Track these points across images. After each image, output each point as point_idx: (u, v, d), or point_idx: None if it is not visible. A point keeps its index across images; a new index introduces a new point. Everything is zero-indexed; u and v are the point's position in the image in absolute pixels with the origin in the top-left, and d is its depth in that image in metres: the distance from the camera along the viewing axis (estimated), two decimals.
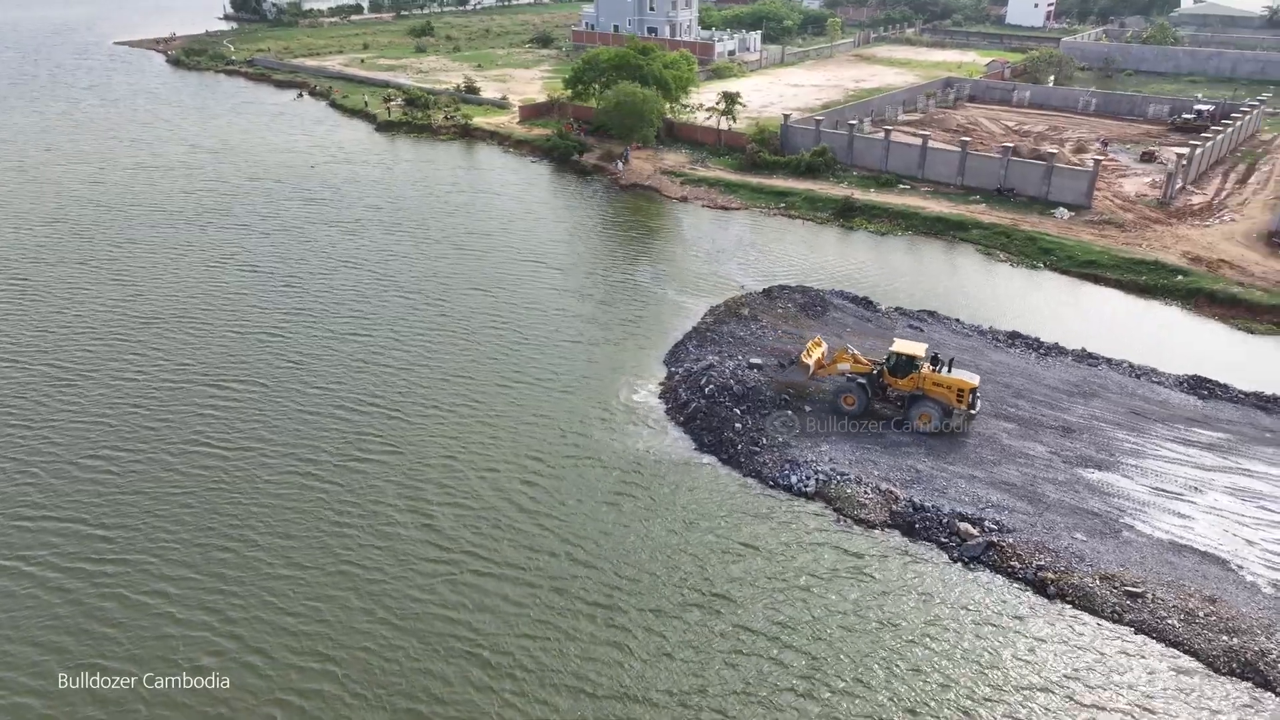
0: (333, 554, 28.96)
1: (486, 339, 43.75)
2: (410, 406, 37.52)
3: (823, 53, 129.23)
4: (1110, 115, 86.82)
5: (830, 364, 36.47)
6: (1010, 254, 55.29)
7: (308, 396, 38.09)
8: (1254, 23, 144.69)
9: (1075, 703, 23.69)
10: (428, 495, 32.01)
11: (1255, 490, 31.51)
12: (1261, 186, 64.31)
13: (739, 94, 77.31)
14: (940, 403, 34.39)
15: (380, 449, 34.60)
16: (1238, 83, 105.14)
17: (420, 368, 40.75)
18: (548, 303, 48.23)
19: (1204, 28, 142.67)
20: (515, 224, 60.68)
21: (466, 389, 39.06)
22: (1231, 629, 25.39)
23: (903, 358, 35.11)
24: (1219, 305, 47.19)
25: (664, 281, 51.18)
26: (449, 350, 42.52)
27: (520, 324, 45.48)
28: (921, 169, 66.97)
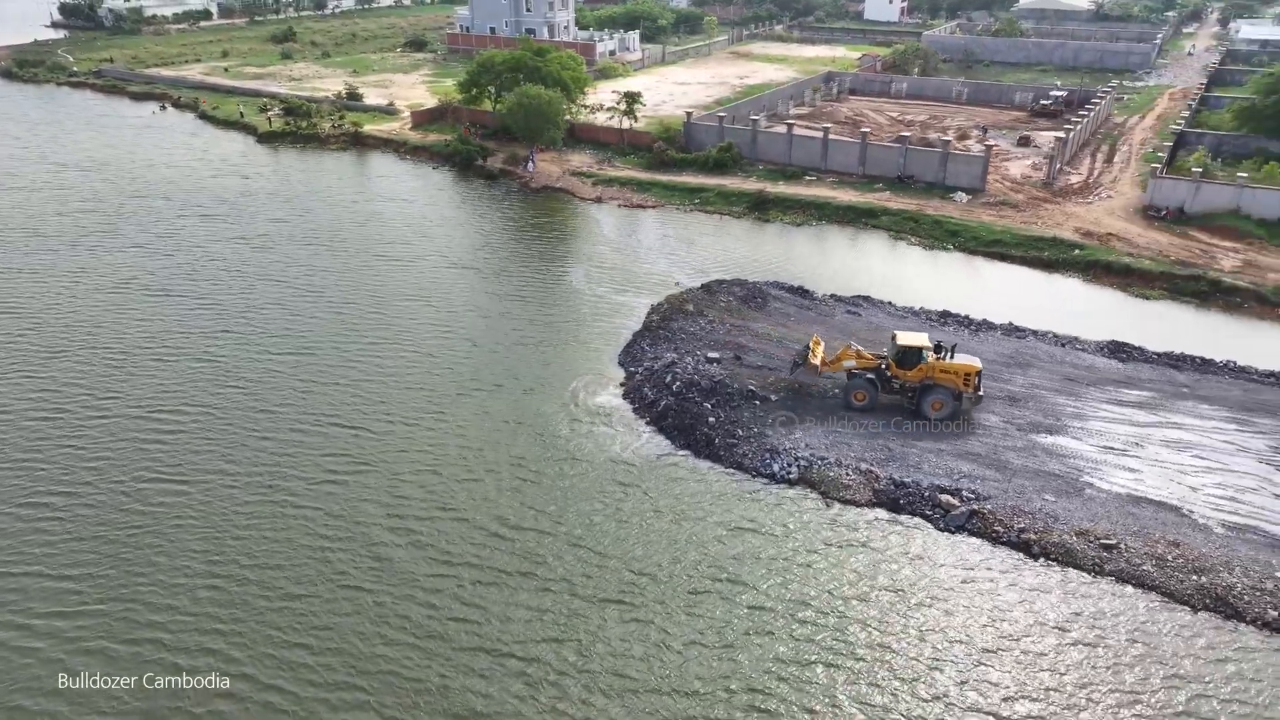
0: (328, 578, 27.64)
1: (436, 348, 42.50)
2: (374, 422, 36.05)
3: (701, 51, 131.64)
4: (981, 103, 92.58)
5: (835, 361, 36.96)
6: (920, 237, 58.18)
7: (259, 420, 35.97)
8: (1082, 16, 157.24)
9: (1080, 644, 25.35)
10: (413, 509, 30.96)
11: (1187, 441, 34.48)
12: (1125, 165, 70.13)
13: (640, 93, 77.83)
14: (950, 389, 35.49)
15: (352, 467, 33.14)
16: (1081, 70, 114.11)
17: (373, 382, 39.17)
18: (488, 308, 47.31)
19: (1042, 21, 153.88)
20: (434, 231, 59.07)
21: (428, 400, 37.87)
22: (1198, 568, 27.74)
23: (910, 349, 35.82)
24: (1115, 275, 51.24)
25: (598, 281, 51.03)
26: (400, 362, 41.07)
27: (466, 331, 44.46)
28: (824, 160, 69.42)
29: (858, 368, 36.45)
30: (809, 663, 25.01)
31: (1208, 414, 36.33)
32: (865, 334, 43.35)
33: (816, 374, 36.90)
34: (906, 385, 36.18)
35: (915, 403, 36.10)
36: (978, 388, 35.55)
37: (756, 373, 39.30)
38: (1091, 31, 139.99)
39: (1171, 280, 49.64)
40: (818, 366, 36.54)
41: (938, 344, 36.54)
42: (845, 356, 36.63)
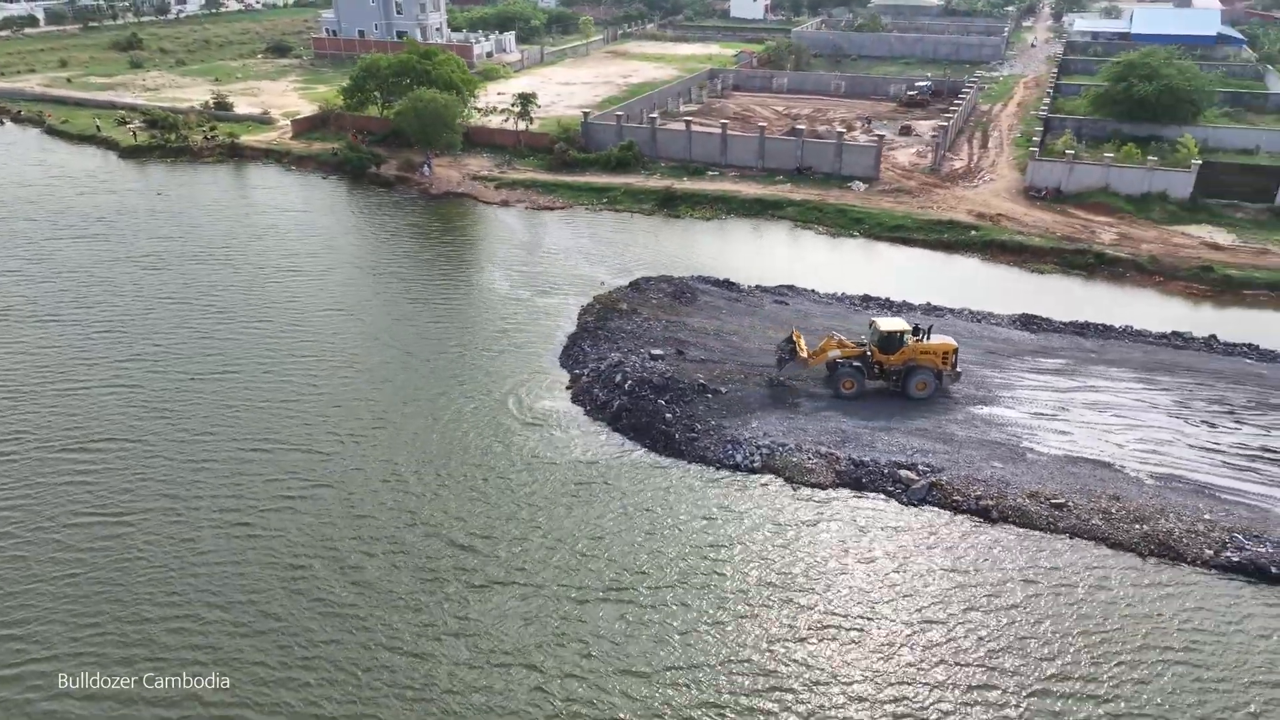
0: (305, 606, 26.53)
1: (369, 360, 40.95)
2: (321, 439, 34.46)
3: (579, 51, 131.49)
4: (857, 96, 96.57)
5: (819, 352, 37.54)
6: (826, 226, 60.22)
7: (194, 447, 33.72)
8: (933, 11, 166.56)
9: (1046, 594, 26.95)
10: (381, 526, 29.88)
11: (1105, 402, 37.20)
12: (1000, 150, 74.82)
13: (535, 94, 77.07)
14: (931, 369, 36.77)
15: (307, 488, 31.66)
16: (940, 63, 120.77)
17: (310, 398, 37.36)
18: (415, 316, 45.95)
19: (898, 16, 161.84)
20: (339, 241, 56.72)
21: (372, 413, 36.47)
22: (1139, 518, 29.99)
23: (892, 334, 36.80)
24: (1010, 253, 54.63)
25: (521, 285, 50.28)
26: (335, 376, 39.36)
27: (397, 341, 43.02)
28: (724, 156, 70.77)
29: (842, 357, 37.24)
30: (803, 638, 25.74)
31: (1117, 376, 39.32)
32: (796, 322, 44.42)
33: (805, 367, 37.55)
34: (890, 369, 37.32)
35: (901, 385, 37.28)
36: (955, 365, 37.14)
37: (701, 366, 39.72)
38: (944, 26, 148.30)
39: (1061, 255, 53.40)
40: (806, 360, 37.23)
41: (915, 326, 37.99)
42: (829, 347, 37.38)
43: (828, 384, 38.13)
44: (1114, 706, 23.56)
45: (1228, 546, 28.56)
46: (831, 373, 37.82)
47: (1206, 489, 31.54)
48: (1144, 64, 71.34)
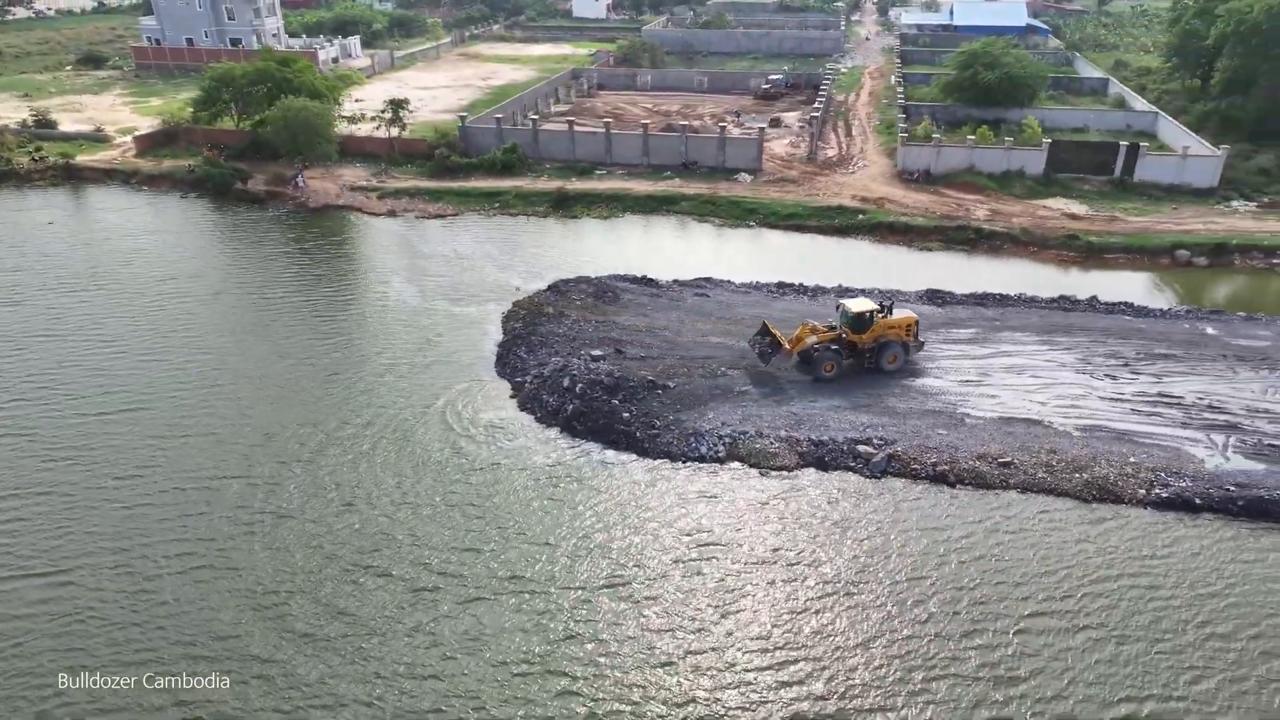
0: (294, 642, 24.87)
1: (294, 383, 38.78)
2: (264, 467, 32.70)
3: (428, 54, 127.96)
4: (720, 91, 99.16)
5: (797, 340, 38.44)
6: (722, 218, 61.62)
7: (125, 489, 31.25)
8: (770, 7, 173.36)
9: (1009, 544, 28.91)
10: (354, 551, 28.72)
11: (1019, 365, 40.15)
12: (865, 138, 78.99)
13: (407, 100, 74.47)
14: (898, 342, 38.57)
15: (263, 517, 30.01)
16: (786, 57, 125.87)
17: (241, 427, 35.20)
18: (330, 334, 43.80)
19: (738, 13, 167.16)
20: (221, 262, 53.07)
21: (314, 438, 34.72)
22: (1076, 468, 32.62)
23: (863, 314, 38.32)
24: (897, 233, 57.86)
25: (432, 296, 48.65)
26: (262, 401, 37.17)
27: (317, 361, 40.90)
28: (609, 154, 70.99)
29: (819, 342, 38.35)
30: (809, 608, 26.69)
31: (1022, 340, 42.51)
32: (719, 313, 45.49)
33: (789, 357, 38.47)
34: (863, 347, 38.84)
35: (874, 361, 38.96)
36: (917, 335, 39.23)
37: (643, 364, 39.80)
38: (785, 21, 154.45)
39: (944, 233, 57.07)
40: (791, 350, 38.11)
41: (880, 304, 39.55)
42: (806, 334, 38.54)
43: (800, 369, 39.03)
44: (1091, 632, 25.71)
45: (1156, 485, 31.56)
46: (805, 360, 38.68)
47: (1125, 435, 34.70)
48: (986, 53, 77.29)
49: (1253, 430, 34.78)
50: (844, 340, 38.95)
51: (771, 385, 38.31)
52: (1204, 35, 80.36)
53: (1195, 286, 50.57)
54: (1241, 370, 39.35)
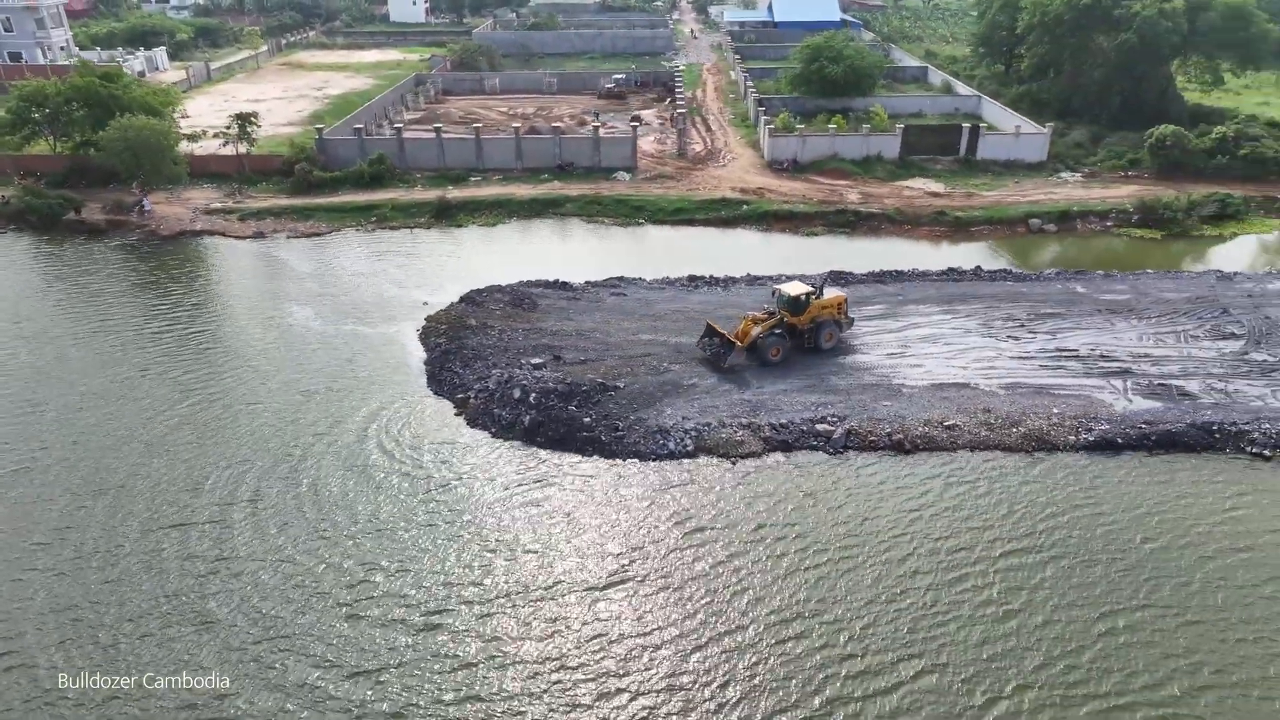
0: (319, 692, 22.65)
1: (211, 421, 35.74)
2: (208, 513, 29.88)
3: (247, 65, 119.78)
4: (570, 91, 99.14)
5: (744, 333, 39.03)
6: (611, 217, 61.83)
7: (58, 550, 27.12)
8: (592, 8, 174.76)
9: (969, 497, 31.10)
10: (346, 585, 26.57)
11: (932, 334, 43.01)
12: (724, 132, 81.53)
13: (255, 114, 69.46)
14: (832, 320, 40.14)
15: (229, 565, 27.11)
16: (622, 56, 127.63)
17: (165, 471, 32.01)
18: (238, 366, 40.65)
19: (562, 15, 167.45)
20: (74, 301, 47.65)
21: (251, 476, 32.34)
22: (1012, 423, 35.42)
23: (799, 298, 39.51)
24: (782, 220, 60.28)
25: (336, 319, 45.98)
26: (183, 446, 33.89)
27: (229, 395, 37.97)
28: (480, 160, 69.47)
29: (764, 330, 39.22)
30: (809, 579, 27.62)
31: (927, 311, 45.54)
32: (641, 311, 45.75)
33: (743, 354, 39.17)
34: (801, 329, 40.15)
35: (812, 341, 40.34)
36: (847, 313, 41.04)
37: (586, 368, 39.43)
38: (612, 21, 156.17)
39: (825, 217, 60.01)
40: (742, 346, 38.80)
41: (813, 286, 40.90)
42: (750, 326, 39.41)
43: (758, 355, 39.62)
44: (1059, 561, 28.30)
45: (1081, 431, 34.84)
46: (752, 350, 39.46)
47: (1042, 389, 38.00)
48: (829, 47, 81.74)
49: (1142, 373, 39.07)
50: (784, 323, 40.40)
51: (717, 376, 39.00)
52: (1007, 26, 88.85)
53: (1052, 250, 56.03)
54: (1116, 321, 44.05)
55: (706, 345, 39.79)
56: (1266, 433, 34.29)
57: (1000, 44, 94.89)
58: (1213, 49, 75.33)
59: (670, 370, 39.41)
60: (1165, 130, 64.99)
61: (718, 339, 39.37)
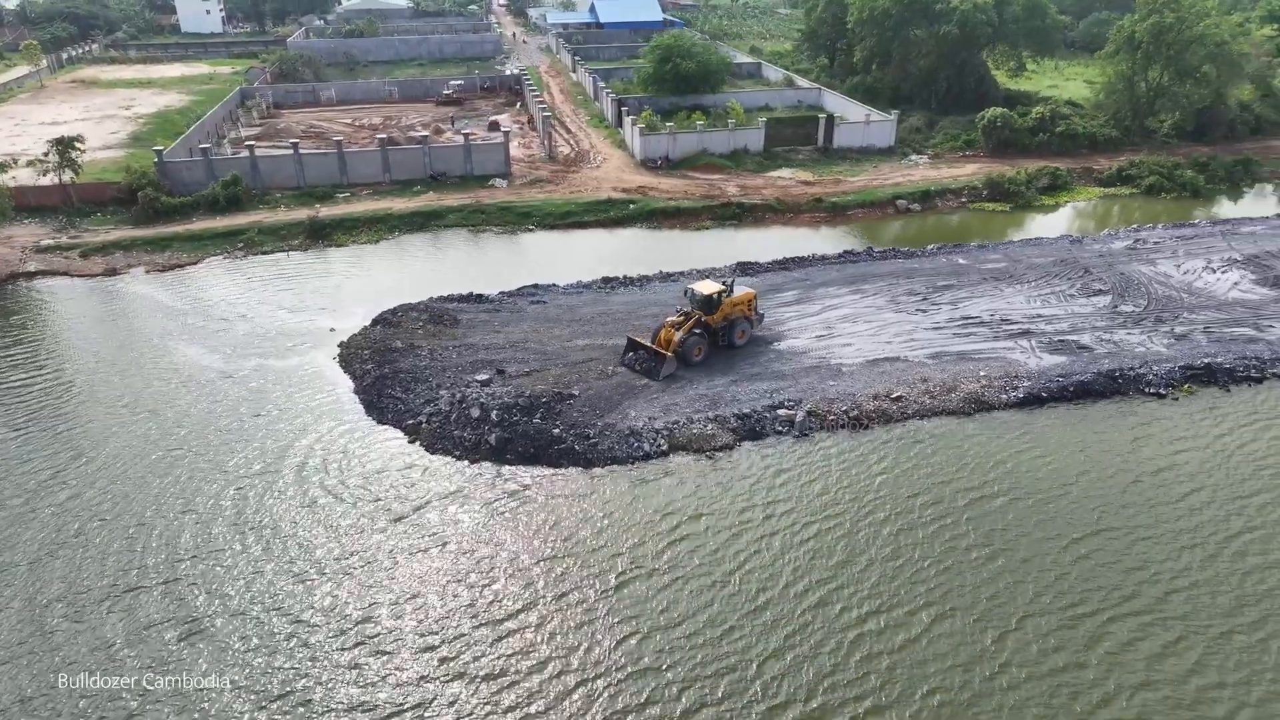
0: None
1: (129, 473, 31.82)
2: (157, 573, 26.39)
3: (27, 82, 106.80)
4: (413, 99, 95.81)
5: (668, 340, 38.56)
6: (499, 225, 60.43)
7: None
8: (405, 13, 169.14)
9: (936, 455, 33.21)
10: (361, 622, 24.76)
11: (849, 314, 45.21)
12: (584, 133, 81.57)
13: (80, 137, 62.17)
14: (744, 318, 40.44)
15: (200, 618, 24.28)
16: (449, 62, 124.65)
17: (91, 547, 27.92)
18: (138, 411, 36.32)
19: (379, 21, 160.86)
20: None
21: (191, 526, 28.73)
22: (949, 389, 37.95)
23: (712, 296, 39.44)
24: (670, 217, 61.21)
25: (237, 355, 42.36)
26: (104, 510, 29.85)
27: (143, 443, 33.97)
28: (344, 175, 65.84)
29: (685, 332, 38.96)
30: (814, 551, 28.44)
31: (837, 293, 47.84)
32: (567, 317, 45.15)
33: (674, 362, 38.61)
34: (716, 327, 40.31)
35: (727, 339, 40.59)
36: (756, 309, 41.61)
37: (533, 379, 38.49)
38: (434, 26, 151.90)
39: (711, 211, 61.54)
40: (671, 354, 38.36)
41: (724, 283, 41.09)
42: (671, 332, 38.99)
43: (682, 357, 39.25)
44: (1021, 502, 30.69)
45: (1009, 390, 37.90)
46: (677, 351, 39.05)
47: (964, 355, 40.94)
48: (679, 46, 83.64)
49: (1040, 332, 42.98)
50: (702, 323, 40.61)
51: (677, 374, 39.07)
52: (832, 22, 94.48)
53: (924, 227, 60.36)
54: (1003, 287, 48.16)
55: (635, 361, 39.07)
56: (1158, 374, 38.77)
57: (824, 38, 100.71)
58: (1016, 38, 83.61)
59: (619, 373, 39.17)
60: (995, 113, 71.60)
61: (644, 352, 39.00)
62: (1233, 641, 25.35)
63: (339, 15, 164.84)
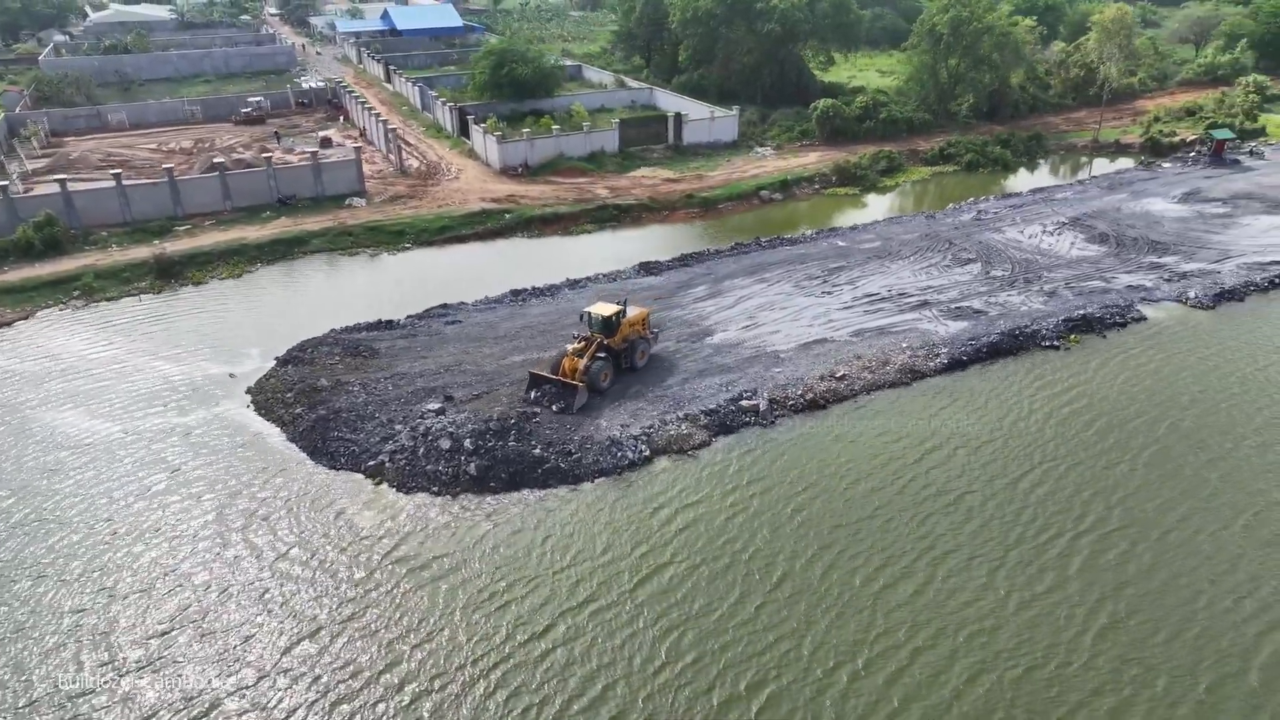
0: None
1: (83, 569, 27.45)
2: (132, 651, 23.20)
3: None
4: (217, 118, 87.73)
5: (572, 370, 36.25)
6: (371, 246, 57.07)
7: None
8: (169, 25, 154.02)
9: (891, 425, 35.48)
10: (400, 676, 22.97)
11: (763, 302, 46.74)
12: (424, 144, 78.47)
13: None
14: (642, 338, 39.15)
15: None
16: (241, 77, 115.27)
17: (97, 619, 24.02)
18: (35, 498, 31.24)
19: (128, 33, 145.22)
20: None
21: (183, 595, 25.50)
22: (883, 363, 40.26)
23: (611, 319, 37.63)
24: (549, 224, 60.41)
25: (129, 415, 37.54)
26: (64, 586, 25.57)
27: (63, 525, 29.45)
28: (178, 206, 59.40)
29: (590, 357, 36.91)
30: (831, 523, 29.72)
31: (744, 283, 49.38)
32: (491, 334, 43.64)
33: (585, 391, 36.31)
34: (616, 349, 38.55)
35: (628, 361, 39.03)
36: (650, 327, 40.40)
37: (483, 401, 36.88)
38: (211, 39, 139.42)
39: (588, 214, 61.40)
40: (581, 383, 36.10)
41: (619, 304, 39.26)
42: (575, 361, 36.61)
43: (590, 383, 37.04)
44: (988, 448, 33.54)
45: (933, 358, 40.91)
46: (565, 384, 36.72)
47: (882, 330, 43.64)
48: (513, 51, 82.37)
49: (936, 301, 46.68)
50: (604, 346, 38.10)
51: (621, 382, 38.80)
52: (650, 22, 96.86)
53: (793, 214, 63.52)
54: (887, 264, 51.78)
55: (545, 395, 36.37)
56: (1047, 328, 43.33)
57: (641, 39, 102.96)
58: (826, 34, 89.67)
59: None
60: (827, 104, 76.54)
61: (552, 386, 36.62)
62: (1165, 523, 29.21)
63: (88, 30, 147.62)
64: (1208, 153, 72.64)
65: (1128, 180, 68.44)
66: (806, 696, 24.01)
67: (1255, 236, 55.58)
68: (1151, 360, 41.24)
